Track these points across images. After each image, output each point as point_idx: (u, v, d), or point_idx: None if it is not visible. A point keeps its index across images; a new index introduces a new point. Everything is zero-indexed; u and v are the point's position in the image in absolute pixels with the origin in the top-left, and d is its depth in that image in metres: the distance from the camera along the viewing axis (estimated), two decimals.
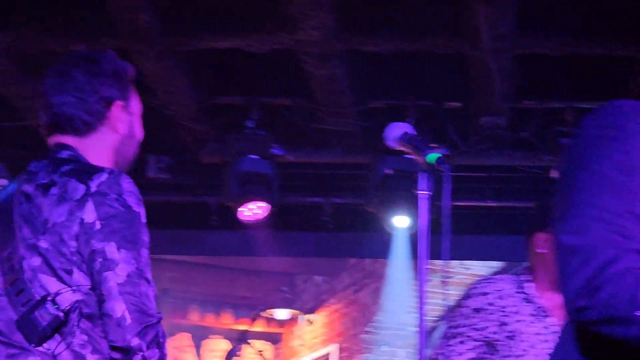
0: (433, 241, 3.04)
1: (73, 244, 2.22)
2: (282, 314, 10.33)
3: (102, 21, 4.99)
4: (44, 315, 2.18)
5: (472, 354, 3.79)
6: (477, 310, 3.78)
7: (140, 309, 2.19)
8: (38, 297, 2.21)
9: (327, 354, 9.89)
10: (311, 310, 10.39)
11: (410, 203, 5.25)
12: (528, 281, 3.72)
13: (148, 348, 2.18)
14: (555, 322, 3.66)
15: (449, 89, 6.28)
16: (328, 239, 7.17)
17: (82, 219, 2.19)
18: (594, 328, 1.55)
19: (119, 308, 2.15)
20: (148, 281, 2.21)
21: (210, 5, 5.08)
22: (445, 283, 4.18)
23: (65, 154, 2.38)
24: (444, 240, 2.98)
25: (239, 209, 6.49)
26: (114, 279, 2.14)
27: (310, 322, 10.36)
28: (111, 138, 2.47)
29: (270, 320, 10.37)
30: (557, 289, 2.06)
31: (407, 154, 3.17)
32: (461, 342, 3.82)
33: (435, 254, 3.06)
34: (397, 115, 5.85)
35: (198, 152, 6.15)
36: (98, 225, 2.17)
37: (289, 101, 6.00)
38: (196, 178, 6.48)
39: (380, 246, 6.78)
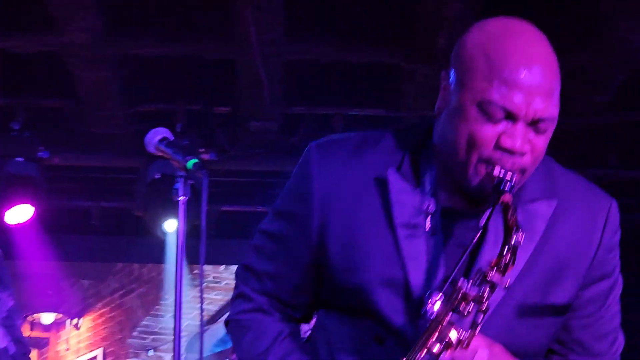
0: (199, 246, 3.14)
1: None
2: (47, 318, 10.13)
3: None
4: None
5: None
6: None
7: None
8: None
9: (93, 358, 9.77)
10: (77, 315, 10.24)
11: (177, 208, 5.16)
12: None
13: None
14: None
15: (218, 94, 6.25)
16: (95, 243, 7.10)
17: None
18: None
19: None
20: None
21: None
22: (212, 288, 4.23)
23: None
24: (201, 245, 3.05)
25: (4, 212, 6.36)
26: None
27: (76, 326, 10.20)
28: None
29: (35, 324, 10.13)
30: None
31: (168, 159, 3.18)
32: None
33: (198, 259, 3.18)
34: (167, 120, 5.89)
35: None
36: None
37: (56, 103, 5.86)
38: None
39: (148, 250, 6.77)
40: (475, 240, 1.72)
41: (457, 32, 4.79)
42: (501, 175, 1.64)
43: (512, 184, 1.64)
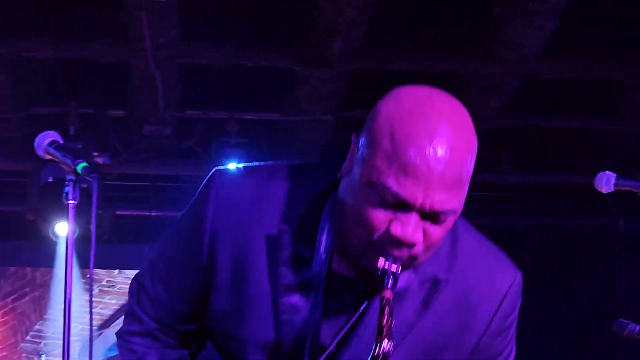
0: (96, 250, 3.02)
1: None
2: None
3: None
4: None
5: None
6: None
7: None
8: None
9: None
10: None
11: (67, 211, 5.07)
12: None
13: None
14: None
15: (112, 97, 6.22)
16: None
17: None
18: None
19: None
20: None
21: None
22: (106, 292, 4.23)
23: None
24: (92, 248, 2.99)
25: None
26: None
27: None
28: None
29: None
30: None
31: (58, 162, 3.08)
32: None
33: (95, 263, 3.03)
34: (60, 123, 5.82)
35: None
36: None
37: None
38: None
39: (41, 254, 6.69)
40: (354, 318, 1.68)
41: (352, 37, 4.88)
42: (385, 267, 1.54)
43: (396, 276, 1.55)
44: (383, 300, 1.52)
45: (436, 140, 1.49)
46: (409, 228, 1.50)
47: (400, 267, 1.53)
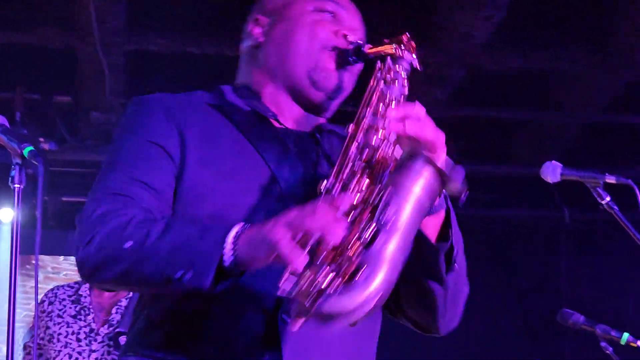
0: (42, 236, 3.00)
1: None
2: None
3: None
4: None
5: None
6: (39, 315, 4.10)
7: None
8: None
9: None
10: None
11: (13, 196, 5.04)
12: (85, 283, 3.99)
13: None
14: (94, 319, 4.11)
15: (59, 83, 6.20)
16: None
17: None
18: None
19: None
20: None
21: None
22: (51, 279, 4.24)
23: None
24: (37, 234, 2.94)
25: None
26: None
27: None
28: None
29: None
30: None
31: (4, 146, 3.07)
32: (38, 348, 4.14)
33: (40, 250, 3.02)
34: (6, 108, 5.78)
35: None
36: None
37: None
38: None
39: None
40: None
41: None
42: (359, 42, 1.82)
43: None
44: (348, 136, 1.66)
45: None
46: (356, 21, 1.91)
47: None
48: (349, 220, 1.53)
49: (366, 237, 1.50)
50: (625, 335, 3.66)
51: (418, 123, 1.61)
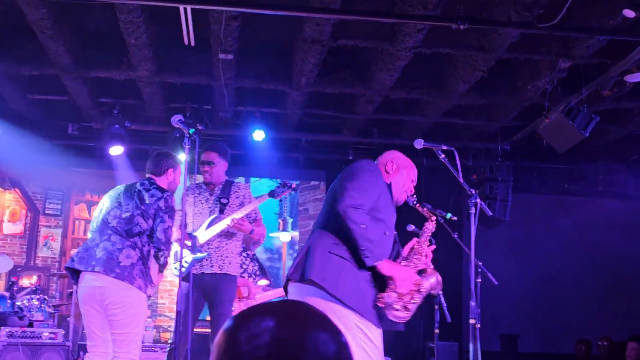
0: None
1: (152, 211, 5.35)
2: None
3: None
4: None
5: None
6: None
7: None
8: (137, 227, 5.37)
9: None
10: None
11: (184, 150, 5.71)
12: None
13: None
14: None
15: (202, 99, 9.44)
16: None
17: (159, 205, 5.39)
18: (349, 222, 4.28)
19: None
20: None
21: None
22: None
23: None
24: (184, 173, 4.95)
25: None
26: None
27: None
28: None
29: None
30: None
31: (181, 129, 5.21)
32: None
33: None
34: (181, 111, 9.13)
35: None
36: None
37: None
38: None
39: None
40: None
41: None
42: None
43: None
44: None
45: None
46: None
47: None
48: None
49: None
50: None
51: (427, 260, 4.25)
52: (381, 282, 4.11)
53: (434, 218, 4.56)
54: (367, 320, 4.07)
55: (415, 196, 4.57)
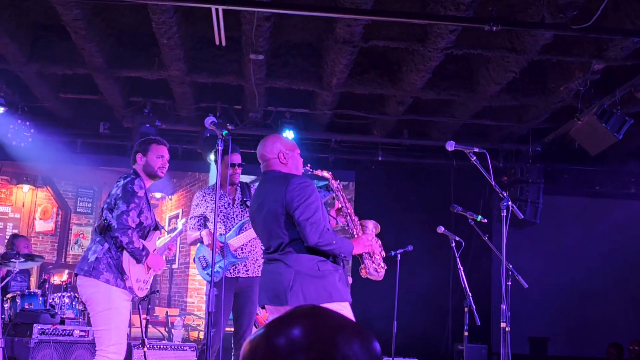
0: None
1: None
2: None
3: None
4: None
5: None
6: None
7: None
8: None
9: None
10: None
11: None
12: None
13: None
14: None
15: (232, 100, 9.78)
16: None
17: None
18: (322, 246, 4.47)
19: None
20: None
21: None
22: None
23: None
24: (217, 170, 5.02)
25: None
26: None
27: None
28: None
29: None
30: None
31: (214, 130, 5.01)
32: None
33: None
34: (212, 111, 9.50)
35: None
36: None
37: None
38: None
39: None
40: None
41: None
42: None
43: None
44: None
45: None
46: None
47: None
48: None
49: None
50: None
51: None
52: (334, 261, 4.49)
53: (330, 174, 4.89)
54: (347, 300, 4.50)
55: (308, 165, 4.85)
